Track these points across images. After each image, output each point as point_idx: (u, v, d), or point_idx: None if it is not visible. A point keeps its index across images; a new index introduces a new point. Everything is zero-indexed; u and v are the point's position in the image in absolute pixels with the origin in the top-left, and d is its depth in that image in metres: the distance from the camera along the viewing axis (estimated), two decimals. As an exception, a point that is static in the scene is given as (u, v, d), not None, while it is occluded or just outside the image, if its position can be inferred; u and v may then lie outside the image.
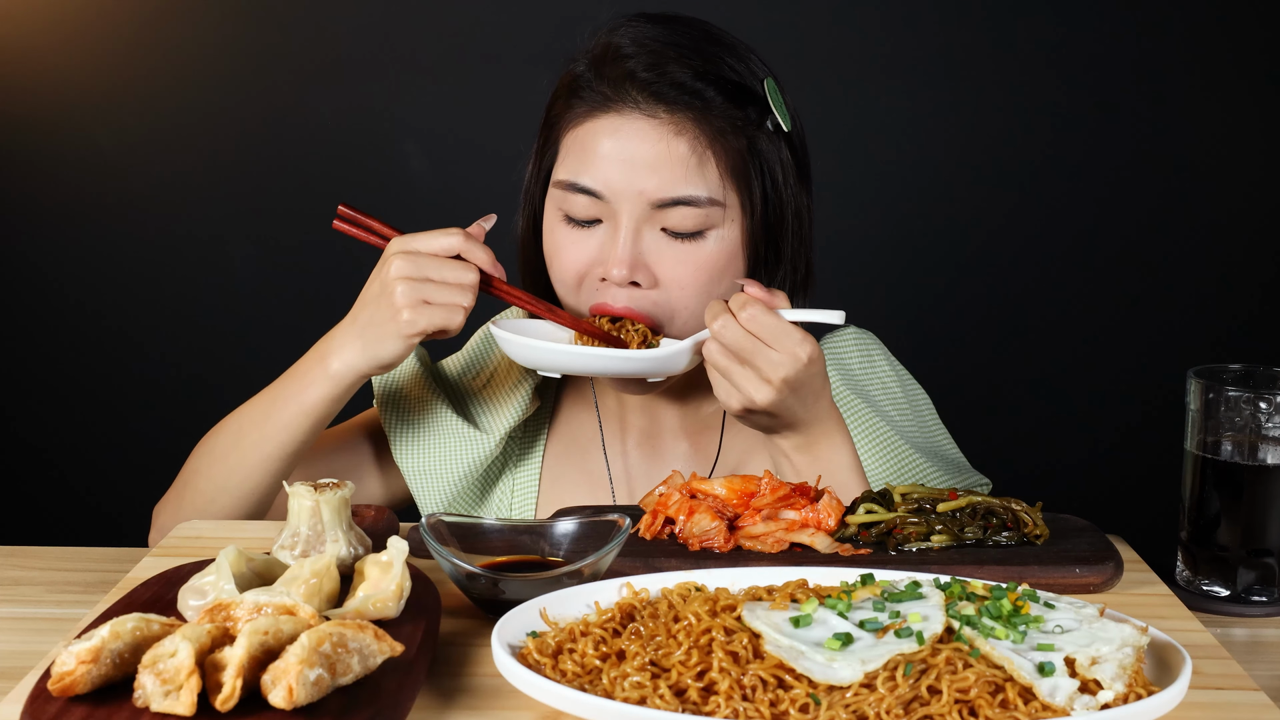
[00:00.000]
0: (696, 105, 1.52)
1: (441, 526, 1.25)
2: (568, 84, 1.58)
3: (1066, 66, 2.93)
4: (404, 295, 1.46)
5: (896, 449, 1.65)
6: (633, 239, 1.52)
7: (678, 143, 1.51)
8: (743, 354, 1.44)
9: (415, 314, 1.47)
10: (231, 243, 3.01)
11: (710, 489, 1.36)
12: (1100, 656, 1.03)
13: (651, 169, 1.51)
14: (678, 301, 1.55)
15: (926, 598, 1.11)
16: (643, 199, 1.51)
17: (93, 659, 0.98)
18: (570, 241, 1.55)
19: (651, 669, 1.02)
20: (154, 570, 1.31)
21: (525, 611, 1.12)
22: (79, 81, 2.97)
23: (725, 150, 1.53)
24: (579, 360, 1.50)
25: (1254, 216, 2.98)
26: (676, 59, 1.53)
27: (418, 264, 1.47)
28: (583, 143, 1.54)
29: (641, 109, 1.52)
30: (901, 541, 1.33)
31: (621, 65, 1.53)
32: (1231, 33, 2.93)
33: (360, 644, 1.01)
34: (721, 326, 1.44)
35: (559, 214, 1.56)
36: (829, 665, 1.00)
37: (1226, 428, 1.40)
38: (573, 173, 1.54)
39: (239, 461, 1.58)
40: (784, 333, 1.44)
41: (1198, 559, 1.43)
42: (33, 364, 3.06)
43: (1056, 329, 3.01)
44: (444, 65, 2.95)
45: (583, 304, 1.57)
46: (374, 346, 1.50)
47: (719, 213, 1.54)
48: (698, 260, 1.54)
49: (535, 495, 1.71)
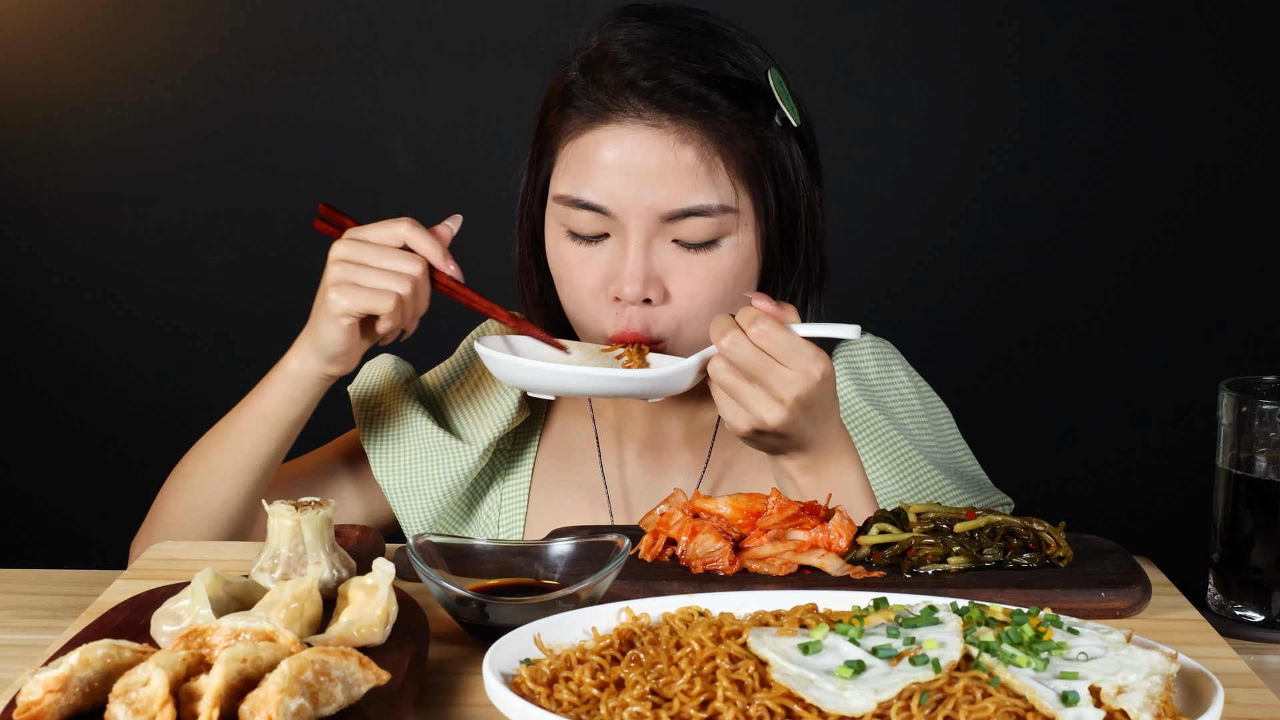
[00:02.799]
0: (702, 111, 1.52)
1: (430, 548, 1.25)
2: (561, 91, 1.57)
3: (1094, 61, 2.94)
4: (334, 275, 1.50)
5: (914, 465, 1.65)
6: (643, 255, 1.52)
7: (685, 151, 1.51)
8: (753, 372, 1.43)
9: (340, 294, 1.49)
10: (207, 246, 3.02)
11: (714, 508, 1.37)
12: (1127, 685, 1.03)
13: (659, 181, 1.51)
14: (689, 313, 1.55)
15: (943, 623, 1.11)
16: (651, 213, 1.51)
17: (61, 688, 0.98)
18: (578, 260, 1.56)
19: (652, 698, 1.02)
20: (126, 594, 1.31)
21: (519, 638, 1.12)
22: (45, 75, 2.97)
23: (734, 154, 1.53)
24: (572, 381, 1.49)
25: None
26: (677, 63, 1.53)
27: (355, 249, 1.50)
28: (583, 155, 1.53)
29: (644, 118, 1.51)
30: (917, 563, 1.34)
31: (619, 72, 1.53)
32: (1270, 28, 2.93)
33: (344, 672, 1.01)
34: (731, 343, 1.43)
35: (562, 230, 1.57)
36: (840, 695, 1.00)
37: (1261, 443, 1.40)
38: (574, 188, 1.54)
39: (205, 477, 1.59)
40: (796, 348, 1.43)
41: (1230, 582, 1.43)
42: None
43: (1081, 338, 3.01)
44: (430, 60, 2.95)
45: (596, 324, 1.57)
46: (314, 336, 1.53)
47: (732, 219, 1.54)
48: (712, 270, 1.54)
49: (524, 509, 1.71)
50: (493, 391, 1.69)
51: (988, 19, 2.94)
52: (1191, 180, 2.96)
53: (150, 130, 2.98)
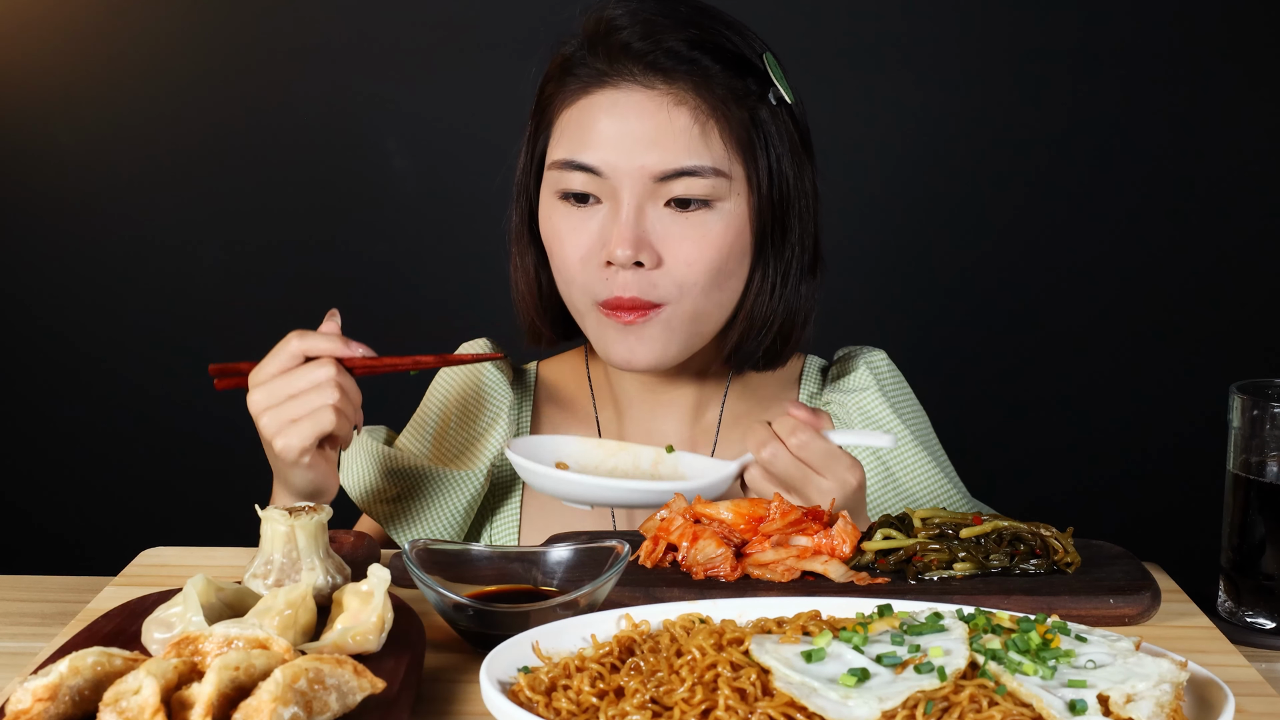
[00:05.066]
0: (696, 75, 1.55)
1: (426, 554, 1.25)
2: (559, 65, 1.61)
3: (1100, 58, 2.94)
4: (268, 426, 1.49)
5: (942, 487, 1.69)
6: (635, 216, 1.54)
7: (678, 113, 1.54)
8: (791, 482, 1.48)
9: (286, 437, 1.49)
10: (200, 247, 3.02)
11: (716, 513, 1.37)
12: (1136, 694, 1.03)
13: (652, 142, 1.53)
14: (685, 279, 1.56)
15: (949, 630, 1.11)
16: (644, 174, 1.53)
17: (50, 696, 0.98)
18: (570, 227, 1.57)
19: (652, 707, 1.02)
20: (116, 601, 1.32)
21: (516, 645, 1.12)
22: (36, 72, 2.97)
23: (728, 121, 1.56)
24: (613, 494, 1.51)
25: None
26: (671, 28, 1.56)
27: (269, 391, 1.50)
28: (578, 121, 1.56)
29: (639, 80, 1.55)
30: (922, 570, 1.34)
31: (615, 38, 1.56)
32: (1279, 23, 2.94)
33: (339, 680, 1.01)
34: (772, 456, 1.48)
35: (555, 197, 1.58)
36: (844, 703, 1.00)
37: (1272, 447, 1.40)
38: (569, 151, 1.56)
39: None
40: (834, 458, 1.48)
41: (1241, 588, 1.43)
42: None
43: (1089, 339, 3.01)
44: (425, 58, 2.95)
45: (586, 293, 1.58)
46: (287, 484, 1.54)
47: (724, 185, 1.56)
48: (704, 236, 1.55)
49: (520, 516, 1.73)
50: (482, 417, 1.71)
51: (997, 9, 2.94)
52: (1201, 181, 2.96)
53: (142, 130, 2.98)
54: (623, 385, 1.73)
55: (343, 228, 2.99)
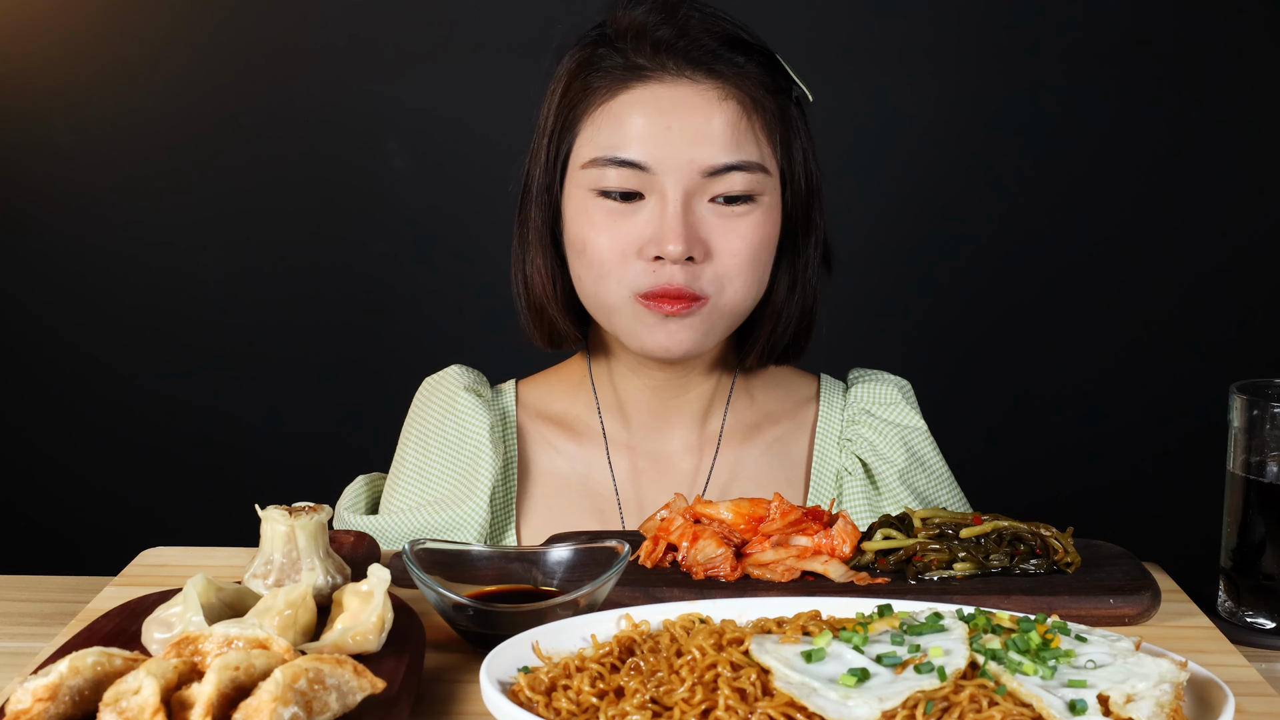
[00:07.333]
0: (735, 69, 1.56)
1: (426, 554, 1.25)
2: (580, 64, 1.59)
3: (1098, 58, 2.94)
4: None
5: None
6: (685, 211, 1.54)
7: (726, 107, 1.55)
8: None
9: None
10: (201, 248, 3.02)
11: (716, 513, 1.37)
12: (1136, 694, 1.03)
13: (701, 136, 1.53)
14: (728, 272, 1.56)
15: (949, 630, 1.11)
16: (693, 168, 1.53)
17: (50, 696, 0.98)
18: (608, 223, 1.55)
19: (652, 707, 1.02)
20: (116, 600, 1.32)
21: (516, 645, 1.12)
22: (36, 73, 2.97)
23: (764, 115, 1.57)
24: None
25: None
26: (703, 24, 1.57)
27: None
28: (617, 116, 1.55)
29: (684, 74, 1.55)
30: (922, 570, 1.34)
31: (650, 34, 1.56)
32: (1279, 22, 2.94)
33: (339, 680, 1.01)
34: None
35: (590, 196, 1.56)
36: (844, 703, 1.00)
37: (1272, 447, 1.40)
38: (608, 148, 1.55)
39: None
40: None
41: (1241, 588, 1.43)
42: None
43: (1088, 339, 3.01)
44: (426, 58, 2.95)
45: (623, 285, 1.55)
46: None
47: (765, 180, 1.57)
48: (749, 230, 1.56)
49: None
50: (464, 450, 1.68)
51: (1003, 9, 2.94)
52: (1202, 181, 2.96)
53: (143, 130, 2.98)
54: (630, 393, 1.70)
55: (343, 228, 2.99)
